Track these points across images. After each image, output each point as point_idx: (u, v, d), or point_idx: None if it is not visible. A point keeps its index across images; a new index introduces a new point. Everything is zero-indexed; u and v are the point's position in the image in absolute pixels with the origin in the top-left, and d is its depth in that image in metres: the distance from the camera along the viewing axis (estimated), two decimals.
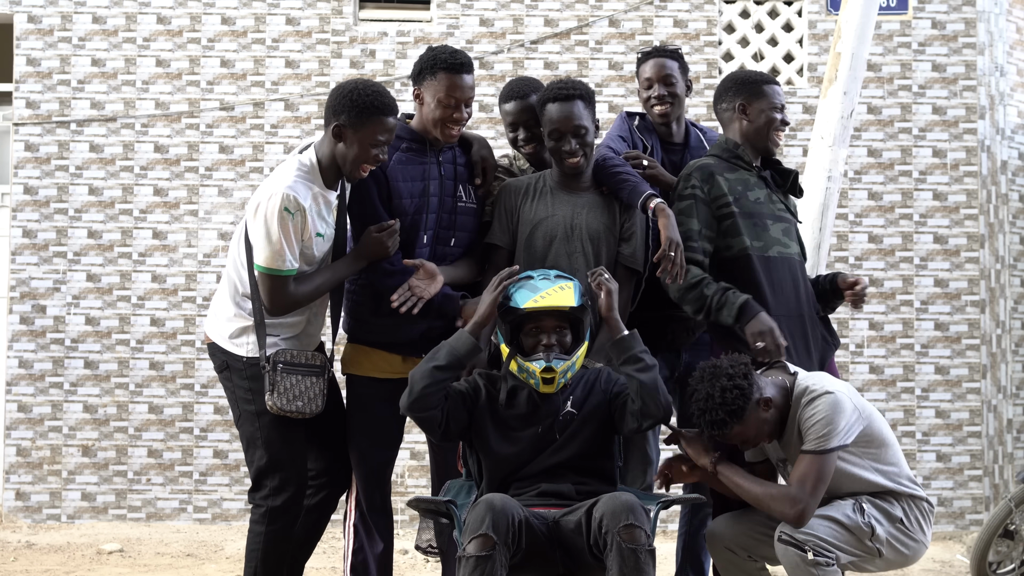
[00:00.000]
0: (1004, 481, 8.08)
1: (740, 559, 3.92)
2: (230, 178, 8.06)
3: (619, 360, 3.77)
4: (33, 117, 8.06)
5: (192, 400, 7.94)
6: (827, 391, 3.75)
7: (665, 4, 8.20)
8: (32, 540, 7.42)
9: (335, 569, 6.63)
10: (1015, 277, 8.34)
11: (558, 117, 4.10)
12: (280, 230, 3.85)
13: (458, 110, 4.09)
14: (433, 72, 4.08)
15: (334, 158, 3.96)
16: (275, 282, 3.91)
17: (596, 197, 4.23)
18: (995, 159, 8.25)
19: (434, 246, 4.15)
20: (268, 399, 3.93)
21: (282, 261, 3.88)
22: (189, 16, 8.13)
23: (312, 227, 3.94)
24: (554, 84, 4.21)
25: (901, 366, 8.10)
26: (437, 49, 4.16)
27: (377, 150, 3.92)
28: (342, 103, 3.91)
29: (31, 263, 7.99)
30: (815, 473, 3.69)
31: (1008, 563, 6.18)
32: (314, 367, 4.01)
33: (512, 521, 3.41)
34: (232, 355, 4.04)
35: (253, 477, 4.08)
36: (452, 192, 4.19)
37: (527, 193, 4.23)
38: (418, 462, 7.74)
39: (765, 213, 4.22)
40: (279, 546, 4.07)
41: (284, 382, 3.94)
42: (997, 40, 8.29)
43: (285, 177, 3.93)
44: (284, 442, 4.03)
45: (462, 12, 8.15)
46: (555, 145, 4.13)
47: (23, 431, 7.91)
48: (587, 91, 4.19)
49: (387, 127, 3.92)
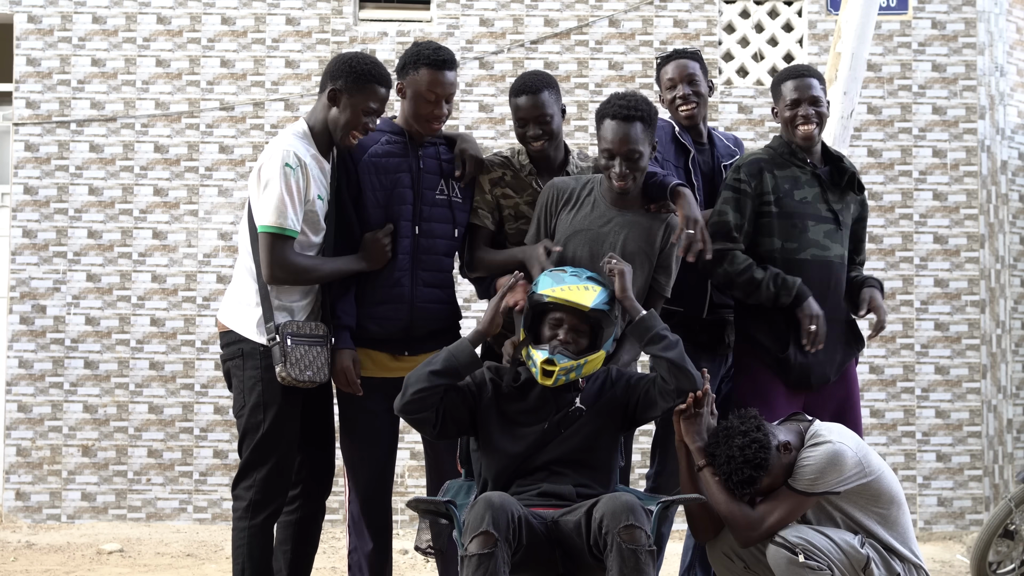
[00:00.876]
0: (1004, 481, 8.08)
1: (737, 568, 3.92)
2: (230, 178, 8.06)
3: (642, 342, 3.77)
4: (33, 117, 8.06)
5: (192, 400, 7.94)
6: (831, 441, 3.76)
7: (665, 4, 8.20)
8: (32, 540, 7.42)
9: (335, 569, 6.63)
10: (1015, 277, 8.34)
11: (612, 137, 3.94)
12: (283, 185, 3.90)
13: (438, 106, 4.13)
14: (416, 67, 4.13)
15: (326, 124, 4.04)
16: (277, 243, 3.93)
17: (640, 218, 4.09)
18: (995, 159, 8.25)
19: (417, 238, 4.17)
20: (280, 370, 3.94)
21: (284, 219, 3.91)
22: (189, 16, 8.13)
23: (314, 188, 3.99)
24: (616, 100, 4.02)
25: (901, 366, 8.10)
26: (421, 44, 4.21)
27: (368, 118, 4.00)
28: (340, 68, 4.01)
29: (31, 263, 7.99)
30: (786, 508, 3.73)
31: (1008, 563, 6.18)
32: (318, 336, 4.04)
33: (512, 517, 3.40)
34: (250, 342, 4.04)
35: (241, 466, 4.09)
36: (433, 186, 4.21)
37: (571, 199, 4.11)
38: (418, 462, 7.74)
39: (808, 213, 4.24)
40: (265, 540, 4.08)
41: (295, 352, 3.96)
42: (997, 40, 8.29)
43: (281, 141, 4.00)
44: (280, 437, 4.04)
45: (462, 12, 8.15)
46: (607, 163, 3.99)
47: (23, 431, 7.92)
48: (649, 112, 4.01)
49: (380, 96, 4.01)
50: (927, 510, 8.02)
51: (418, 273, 4.17)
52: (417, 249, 4.16)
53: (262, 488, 4.04)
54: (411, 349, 4.20)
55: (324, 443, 4.26)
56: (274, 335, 3.96)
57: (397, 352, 4.19)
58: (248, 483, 4.06)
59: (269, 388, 4.01)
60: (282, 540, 4.26)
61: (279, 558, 4.26)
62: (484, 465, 3.81)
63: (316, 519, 4.30)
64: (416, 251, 4.16)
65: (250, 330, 4.04)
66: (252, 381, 4.04)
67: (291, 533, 4.24)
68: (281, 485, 4.09)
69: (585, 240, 4.05)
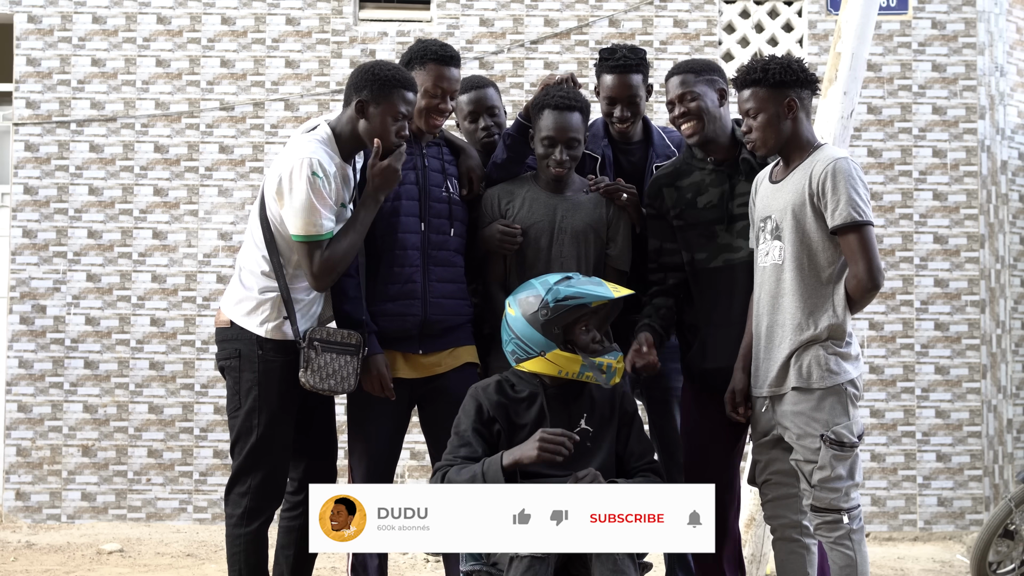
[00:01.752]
0: (1004, 481, 8.08)
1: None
2: (230, 178, 8.06)
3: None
4: (33, 117, 8.06)
5: (192, 400, 7.94)
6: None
7: (665, 4, 8.20)
8: (32, 540, 7.42)
9: (335, 569, 6.63)
10: (1015, 277, 8.34)
11: (553, 126, 4.15)
12: (312, 193, 3.87)
13: (444, 100, 4.17)
14: (422, 62, 4.16)
15: (354, 134, 4.01)
16: (314, 250, 3.90)
17: (579, 197, 4.28)
18: (995, 159, 8.25)
19: (427, 234, 4.17)
20: (302, 376, 3.93)
21: (319, 226, 3.89)
22: (189, 16, 8.13)
23: (340, 195, 3.98)
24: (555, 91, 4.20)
25: (901, 366, 8.10)
26: (426, 41, 4.25)
27: (397, 124, 3.97)
28: (363, 79, 3.99)
29: (31, 263, 7.99)
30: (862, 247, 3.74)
31: (1008, 563, 6.19)
32: (349, 346, 4.02)
33: None
34: (249, 340, 4.01)
35: (234, 470, 4.08)
36: (439, 184, 4.23)
37: (512, 198, 4.28)
38: (418, 462, 7.74)
39: (714, 219, 4.12)
40: (259, 546, 4.08)
41: (319, 359, 3.94)
42: (997, 40, 8.29)
43: (305, 147, 3.95)
44: (274, 441, 4.03)
45: (462, 12, 8.15)
46: (546, 151, 4.18)
47: (23, 431, 7.91)
48: (586, 105, 4.21)
49: (407, 100, 3.99)
50: (927, 510, 8.02)
51: (430, 268, 4.17)
52: (428, 245, 4.17)
53: (256, 495, 4.04)
54: (425, 347, 4.19)
55: (325, 452, 4.25)
56: (300, 340, 3.95)
57: (411, 350, 4.18)
58: (242, 489, 4.05)
59: (265, 393, 3.99)
60: (284, 544, 4.26)
61: (280, 561, 4.26)
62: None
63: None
64: (427, 247, 4.17)
65: (256, 326, 4.03)
66: (248, 384, 4.02)
67: (294, 538, 4.23)
68: (275, 491, 4.09)
69: (541, 230, 4.21)
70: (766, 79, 3.84)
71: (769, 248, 3.89)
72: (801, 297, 3.80)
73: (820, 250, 3.80)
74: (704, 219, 4.13)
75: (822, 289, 3.80)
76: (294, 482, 4.26)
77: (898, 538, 7.91)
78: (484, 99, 4.55)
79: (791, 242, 3.82)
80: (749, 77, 3.87)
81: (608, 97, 4.42)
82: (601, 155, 4.47)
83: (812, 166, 3.82)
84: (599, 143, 4.49)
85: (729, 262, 4.10)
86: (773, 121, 3.85)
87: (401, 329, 4.14)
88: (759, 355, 3.91)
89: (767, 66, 3.85)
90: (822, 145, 3.91)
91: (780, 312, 3.84)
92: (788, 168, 3.91)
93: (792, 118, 3.86)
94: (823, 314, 3.78)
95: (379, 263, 4.14)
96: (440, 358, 4.21)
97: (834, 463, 3.72)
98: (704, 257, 4.13)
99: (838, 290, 3.79)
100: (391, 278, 4.14)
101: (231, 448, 4.11)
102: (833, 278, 3.80)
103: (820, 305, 3.79)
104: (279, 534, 4.29)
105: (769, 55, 3.95)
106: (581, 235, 4.21)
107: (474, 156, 4.38)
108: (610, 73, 4.40)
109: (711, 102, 4.11)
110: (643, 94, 4.44)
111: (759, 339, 3.91)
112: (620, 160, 4.49)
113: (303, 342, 3.94)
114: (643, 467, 3.75)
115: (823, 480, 3.73)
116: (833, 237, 3.77)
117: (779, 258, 3.85)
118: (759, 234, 3.95)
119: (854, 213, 3.71)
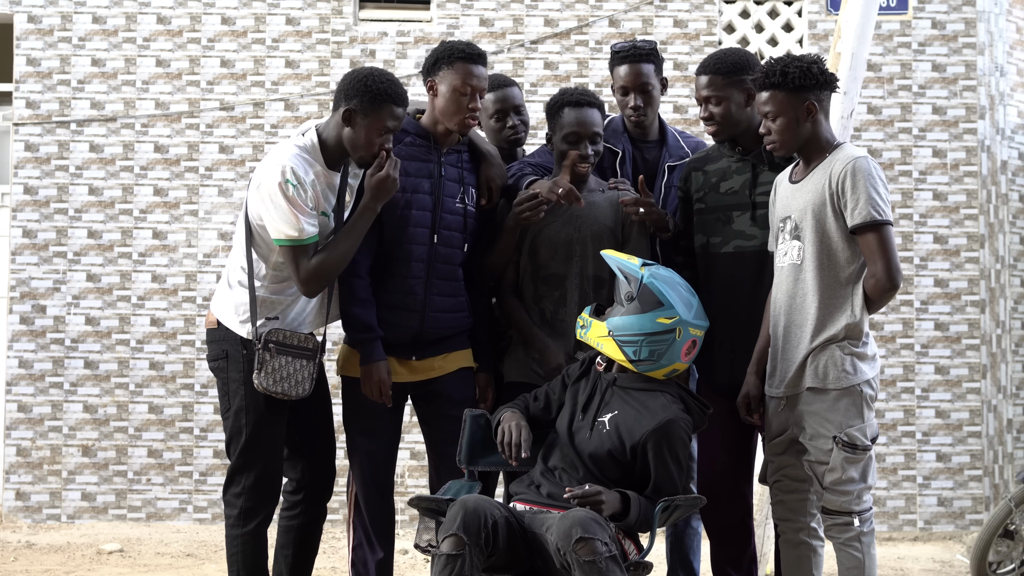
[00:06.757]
0: (1004, 481, 8.08)
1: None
2: (230, 178, 8.06)
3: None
4: (33, 117, 8.06)
5: (192, 400, 7.94)
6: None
7: (665, 4, 8.20)
8: (32, 540, 7.42)
9: (335, 569, 6.63)
10: (1015, 277, 8.34)
11: (576, 121, 4.16)
12: (286, 200, 3.84)
13: (474, 99, 4.09)
14: (450, 62, 4.09)
15: (340, 141, 3.97)
16: (298, 254, 3.88)
17: (594, 197, 4.26)
18: (995, 159, 8.25)
19: (436, 247, 4.12)
20: (255, 377, 3.91)
21: (301, 231, 3.86)
22: (189, 16, 8.13)
23: (319, 203, 3.94)
24: (571, 90, 4.26)
25: (901, 366, 8.10)
26: (453, 41, 4.21)
27: (383, 138, 3.92)
28: (355, 88, 3.93)
29: (31, 263, 7.99)
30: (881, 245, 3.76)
31: (1008, 563, 6.18)
32: (306, 350, 3.99)
33: (485, 522, 3.44)
34: (234, 341, 4.02)
35: (230, 471, 4.09)
36: (454, 194, 4.16)
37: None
38: (418, 462, 7.74)
39: (733, 204, 4.15)
40: (258, 545, 4.08)
41: (273, 362, 3.92)
42: (997, 40, 8.29)
43: (282, 154, 3.94)
44: (263, 442, 4.03)
45: (462, 12, 8.15)
46: (568, 149, 4.17)
47: (23, 431, 7.91)
48: (601, 103, 4.24)
49: (396, 115, 3.94)
50: (927, 510, 8.02)
51: (432, 282, 4.12)
52: (434, 258, 4.11)
53: (252, 495, 4.04)
54: (418, 354, 4.17)
55: (322, 451, 4.24)
56: (256, 342, 3.92)
57: (404, 357, 4.17)
58: (237, 489, 4.05)
59: (251, 393, 3.99)
60: (283, 544, 4.26)
61: (280, 561, 4.26)
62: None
63: (317, 524, 4.31)
64: (432, 259, 4.11)
65: (235, 324, 4.03)
66: (235, 384, 4.03)
67: (293, 538, 4.23)
68: (270, 491, 4.09)
69: (557, 231, 4.21)
70: (785, 83, 3.81)
71: (788, 248, 3.88)
72: (820, 297, 3.79)
73: (839, 250, 3.79)
74: (723, 203, 4.16)
75: (841, 289, 3.79)
76: (292, 482, 4.26)
77: (898, 538, 7.91)
78: (510, 97, 4.55)
79: (811, 242, 3.81)
80: (768, 80, 3.84)
81: (622, 87, 4.50)
82: (622, 150, 4.49)
83: (832, 166, 3.81)
84: (620, 138, 4.52)
85: (740, 248, 4.12)
86: (792, 124, 3.84)
87: (395, 336, 4.12)
88: (776, 355, 3.90)
89: (786, 69, 3.82)
90: (841, 144, 3.90)
91: (798, 312, 3.84)
92: (807, 168, 3.91)
93: (811, 120, 3.85)
94: (841, 314, 3.77)
95: (383, 270, 4.11)
96: (435, 362, 4.20)
97: (846, 465, 3.70)
98: (718, 241, 4.15)
99: (856, 290, 3.78)
100: (392, 287, 4.10)
101: (226, 449, 4.12)
102: (852, 278, 3.79)
103: (839, 305, 3.78)
104: (278, 534, 4.29)
105: (789, 55, 3.89)
106: (598, 236, 4.20)
107: (496, 164, 4.30)
108: (622, 63, 4.49)
109: (736, 106, 4.14)
110: (656, 84, 4.50)
111: (776, 339, 3.90)
112: (636, 157, 4.52)
113: (259, 343, 3.92)
114: (650, 494, 3.71)
115: (835, 482, 3.72)
116: (852, 237, 3.76)
117: (797, 258, 3.84)
118: (778, 234, 3.95)
119: (874, 212, 3.70)
